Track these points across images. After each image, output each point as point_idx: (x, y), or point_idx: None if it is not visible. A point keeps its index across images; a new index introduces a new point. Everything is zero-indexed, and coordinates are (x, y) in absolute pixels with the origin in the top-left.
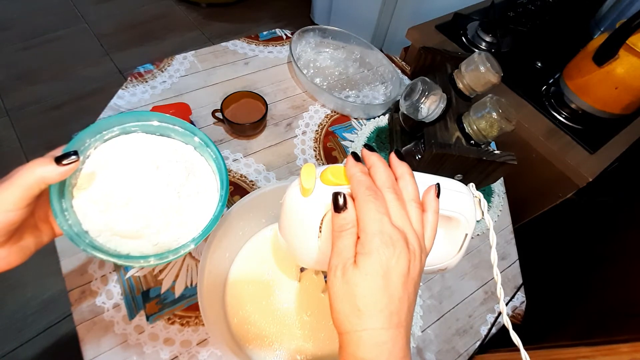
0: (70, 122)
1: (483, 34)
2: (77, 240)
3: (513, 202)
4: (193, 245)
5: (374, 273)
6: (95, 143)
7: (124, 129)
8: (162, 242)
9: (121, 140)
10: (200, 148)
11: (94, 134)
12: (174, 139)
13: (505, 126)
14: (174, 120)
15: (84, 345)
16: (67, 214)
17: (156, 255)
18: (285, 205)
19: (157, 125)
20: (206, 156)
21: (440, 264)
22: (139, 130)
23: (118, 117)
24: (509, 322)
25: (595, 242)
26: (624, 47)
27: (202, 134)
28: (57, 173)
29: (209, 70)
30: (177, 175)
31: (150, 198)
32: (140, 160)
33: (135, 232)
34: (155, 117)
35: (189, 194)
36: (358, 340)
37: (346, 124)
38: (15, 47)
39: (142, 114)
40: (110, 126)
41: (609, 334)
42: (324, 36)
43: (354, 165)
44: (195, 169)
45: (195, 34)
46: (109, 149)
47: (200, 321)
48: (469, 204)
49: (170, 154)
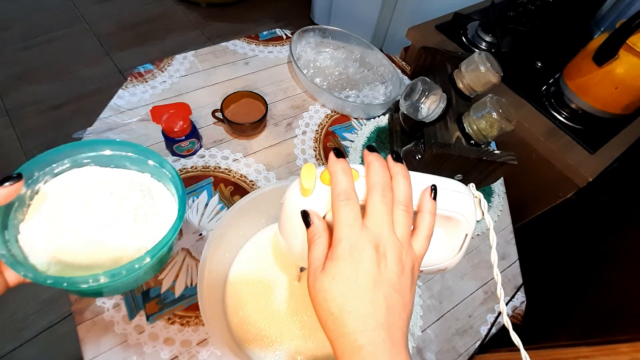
0: (70, 122)
1: (483, 34)
2: (18, 268)
3: (513, 202)
4: (149, 259)
5: (339, 277)
6: (45, 177)
7: (75, 162)
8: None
9: (73, 173)
10: (156, 173)
11: (43, 167)
12: (129, 169)
13: (505, 126)
14: (126, 146)
15: (84, 345)
16: (9, 245)
17: (107, 272)
18: (285, 205)
19: (110, 155)
20: (164, 180)
21: (440, 264)
22: (92, 162)
23: (68, 147)
24: (509, 322)
25: (595, 242)
26: (624, 47)
27: (156, 155)
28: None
29: (209, 70)
30: (132, 199)
31: (104, 225)
32: (92, 190)
33: (89, 262)
34: (107, 145)
35: (146, 216)
36: (339, 345)
37: (346, 124)
38: (15, 47)
39: (94, 143)
40: (60, 158)
41: (609, 334)
42: (324, 36)
43: (334, 162)
44: (153, 193)
45: (195, 34)
46: (60, 183)
47: (200, 321)
48: (469, 204)
49: (126, 182)
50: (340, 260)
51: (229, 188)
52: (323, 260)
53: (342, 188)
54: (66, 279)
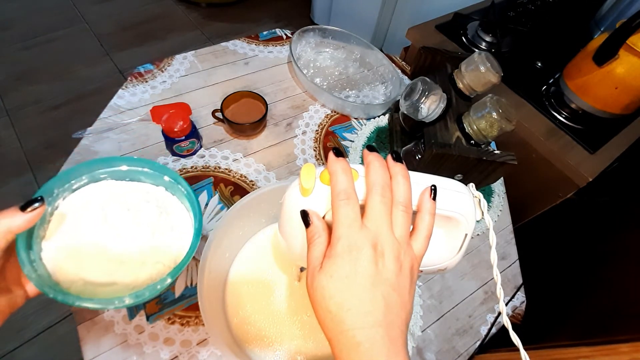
0: (70, 122)
1: (483, 34)
2: (47, 290)
3: (513, 202)
4: (170, 280)
5: (337, 275)
6: (64, 193)
7: (92, 177)
8: (139, 284)
9: (90, 188)
10: (171, 187)
11: (62, 184)
12: (144, 182)
13: (505, 126)
14: (142, 162)
15: (84, 345)
16: (35, 265)
17: (131, 294)
18: (285, 205)
19: (126, 170)
20: (178, 194)
21: (440, 264)
22: (108, 177)
23: (86, 165)
24: (509, 322)
25: (595, 242)
26: (624, 47)
27: (171, 172)
28: (23, 220)
29: (209, 70)
30: (148, 214)
31: (122, 241)
32: (110, 206)
33: (109, 278)
34: (124, 162)
35: (162, 231)
36: (337, 343)
37: (346, 124)
38: (15, 47)
39: (111, 160)
40: (78, 175)
41: (609, 334)
42: (324, 36)
43: (334, 161)
44: (168, 207)
45: (195, 34)
46: (78, 199)
47: (200, 321)
48: (469, 204)
49: (141, 196)
50: (338, 258)
51: (229, 188)
52: (322, 259)
53: (341, 187)
54: (94, 300)
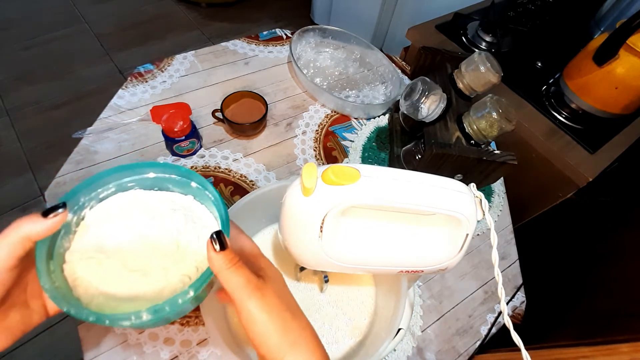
0: (70, 122)
1: (483, 34)
2: (61, 303)
3: (513, 202)
4: (192, 293)
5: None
6: (91, 202)
7: (120, 186)
8: (162, 299)
9: (117, 198)
10: (199, 195)
11: (89, 192)
12: (172, 191)
13: (505, 126)
14: (170, 168)
15: (84, 345)
16: (54, 275)
17: (149, 309)
18: (286, 205)
19: (154, 178)
20: (207, 203)
21: (441, 264)
22: (136, 186)
23: (113, 171)
24: (510, 322)
25: (595, 242)
26: (624, 47)
27: (198, 177)
28: (44, 227)
29: (209, 70)
30: (175, 223)
31: (147, 252)
32: (137, 216)
33: (132, 292)
34: (151, 167)
35: (188, 240)
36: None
37: (346, 124)
38: (15, 47)
39: (137, 166)
40: (106, 183)
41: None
42: (324, 36)
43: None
44: (195, 216)
45: (195, 34)
46: (105, 209)
47: (200, 321)
48: (470, 204)
49: (168, 205)
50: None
51: (229, 188)
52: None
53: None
54: (108, 316)
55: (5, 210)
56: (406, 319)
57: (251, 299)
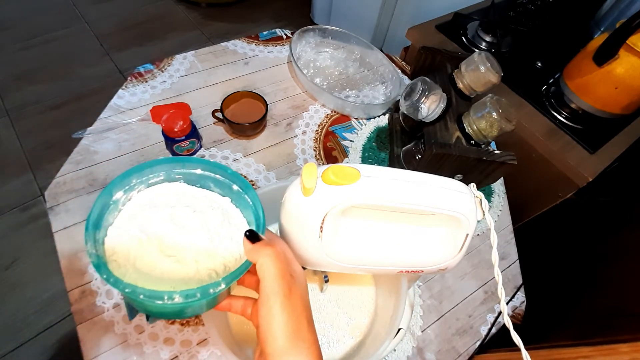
0: (70, 122)
1: (483, 34)
2: (101, 270)
3: (513, 202)
4: (224, 285)
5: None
6: (140, 186)
7: (168, 176)
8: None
9: (164, 187)
10: (237, 198)
11: (141, 176)
12: (213, 190)
13: (505, 126)
14: (216, 167)
15: (84, 345)
16: (97, 245)
17: (182, 292)
18: (286, 205)
19: (200, 174)
20: (242, 207)
21: (441, 264)
22: (182, 179)
23: (166, 161)
24: (510, 322)
25: (595, 242)
26: (624, 47)
27: (242, 181)
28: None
29: (209, 70)
30: (212, 219)
31: (183, 241)
32: (178, 207)
33: (162, 275)
34: (199, 164)
35: (222, 238)
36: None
37: (346, 123)
38: (15, 47)
39: (188, 161)
40: (157, 171)
41: (609, 334)
42: (324, 36)
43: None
44: (230, 217)
45: (195, 34)
46: (151, 194)
47: (200, 321)
48: (470, 204)
49: (208, 202)
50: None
51: None
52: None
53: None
54: (144, 291)
55: (5, 210)
56: (406, 319)
57: (278, 295)
